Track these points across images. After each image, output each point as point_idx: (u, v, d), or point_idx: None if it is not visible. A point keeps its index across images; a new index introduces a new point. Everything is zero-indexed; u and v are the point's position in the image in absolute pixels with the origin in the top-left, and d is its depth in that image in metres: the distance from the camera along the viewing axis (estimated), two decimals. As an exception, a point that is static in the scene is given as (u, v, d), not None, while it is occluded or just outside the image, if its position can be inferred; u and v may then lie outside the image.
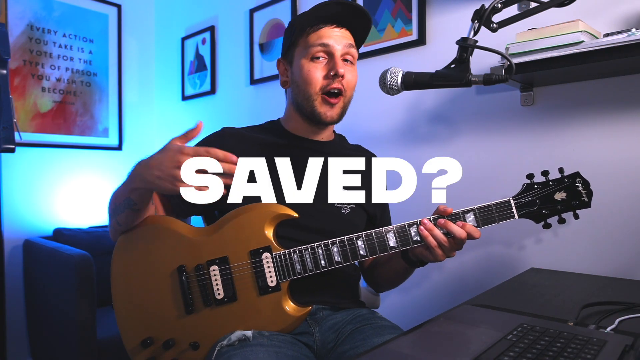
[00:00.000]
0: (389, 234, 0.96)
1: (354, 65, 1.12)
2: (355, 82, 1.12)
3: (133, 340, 1.00)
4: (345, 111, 1.12)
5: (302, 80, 1.08)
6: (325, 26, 1.07)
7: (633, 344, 0.70)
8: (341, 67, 1.05)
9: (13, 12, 2.42)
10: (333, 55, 1.06)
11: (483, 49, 0.90)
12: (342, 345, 1.01)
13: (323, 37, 1.06)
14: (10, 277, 2.28)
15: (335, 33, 1.07)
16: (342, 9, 1.06)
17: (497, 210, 0.94)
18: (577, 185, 0.94)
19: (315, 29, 1.07)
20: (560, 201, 0.94)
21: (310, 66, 1.07)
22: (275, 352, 0.89)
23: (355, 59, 1.11)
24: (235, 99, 2.51)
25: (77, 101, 2.67)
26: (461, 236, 0.92)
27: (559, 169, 0.95)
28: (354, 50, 1.10)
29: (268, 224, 0.98)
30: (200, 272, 0.98)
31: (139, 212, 0.99)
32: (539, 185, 0.95)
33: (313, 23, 1.07)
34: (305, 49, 1.07)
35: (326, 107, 1.08)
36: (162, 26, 3.01)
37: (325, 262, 0.96)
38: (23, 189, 2.43)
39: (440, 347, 0.74)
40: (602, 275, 1.29)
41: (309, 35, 1.07)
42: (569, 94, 1.40)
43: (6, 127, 1.21)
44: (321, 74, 1.06)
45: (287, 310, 0.96)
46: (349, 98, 1.11)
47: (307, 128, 1.14)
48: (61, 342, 1.95)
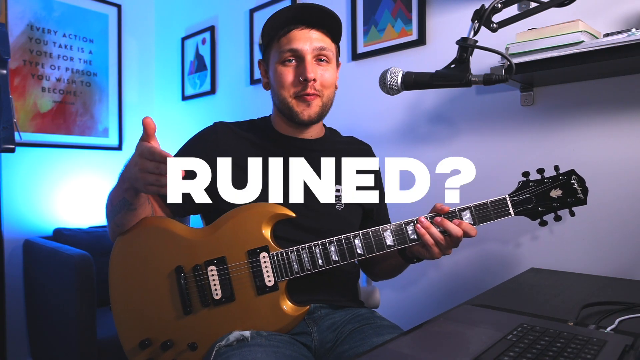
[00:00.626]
0: (386, 233, 0.96)
1: (330, 64, 1.09)
2: (332, 80, 1.10)
3: (131, 341, 0.99)
4: (326, 109, 1.11)
5: (277, 84, 1.08)
6: (294, 28, 1.06)
7: (633, 344, 0.70)
8: (311, 72, 1.03)
9: (13, 12, 2.42)
10: (303, 59, 1.05)
11: (483, 49, 0.90)
12: (342, 345, 1.01)
13: (292, 40, 1.05)
14: (10, 277, 2.27)
15: (305, 35, 1.05)
16: (304, 10, 1.05)
17: (493, 207, 0.95)
18: (573, 182, 0.94)
19: (285, 31, 1.06)
20: (556, 198, 0.95)
21: (282, 70, 1.07)
22: (274, 352, 0.89)
23: (331, 57, 1.09)
24: (235, 99, 2.51)
25: (77, 101, 2.67)
26: (457, 234, 0.92)
27: (555, 166, 0.96)
28: (328, 49, 1.08)
29: (265, 223, 0.98)
30: (197, 272, 0.98)
31: (136, 212, 0.99)
32: (534, 183, 0.96)
33: (284, 26, 1.06)
34: (277, 52, 1.07)
35: (302, 105, 1.07)
36: (162, 26, 3.01)
37: (323, 262, 0.96)
38: (23, 189, 2.43)
39: (440, 347, 0.74)
40: (602, 275, 1.29)
41: (280, 39, 1.07)
42: (569, 94, 1.40)
43: (6, 127, 1.21)
44: (292, 77, 1.06)
45: (285, 309, 0.97)
46: (327, 97, 1.10)
47: (292, 127, 1.14)
48: (61, 342, 1.95)
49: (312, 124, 1.11)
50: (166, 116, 2.96)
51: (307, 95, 1.05)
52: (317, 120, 1.11)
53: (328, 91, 1.09)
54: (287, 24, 1.06)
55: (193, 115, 2.77)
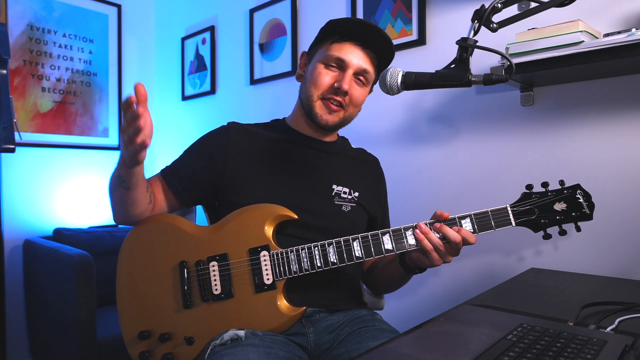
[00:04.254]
0: (384, 237, 0.96)
1: (366, 87, 1.13)
2: (361, 100, 1.13)
3: (131, 332, 1.02)
4: (344, 123, 1.14)
5: (311, 80, 1.10)
6: (350, 42, 1.08)
7: (633, 344, 0.70)
8: (347, 84, 1.06)
9: (13, 12, 2.42)
10: (346, 69, 1.08)
11: (483, 49, 0.90)
12: (338, 348, 1.01)
13: (343, 51, 1.08)
14: (10, 277, 2.28)
15: (357, 51, 1.08)
16: (371, 31, 1.07)
17: (494, 216, 0.94)
18: (578, 197, 0.93)
19: (340, 39, 1.09)
20: (560, 211, 0.93)
21: (322, 70, 1.09)
22: (267, 353, 0.89)
23: (369, 81, 1.12)
24: (235, 99, 2.51)
25: (77, 101, 2.67)
26: (456, 240, 0.92)
27: (560, 181, 0.95)
28: (369, 73, 1.11)
29: (269, 223, 1.01)
30: (200, 267, 1.00)
31: (130, 192, 0.99)
32: (537, 195, 0.95)
33: (344, 33, 1.09)
34: (325, 53, 1.09)
35: (324, 110, 1.10)
36: (162, 26, 3.01)
37: (321, 263, 0.97)
38: (23, 189, 2.43)
39: (440, 347, 0.74)
40: (602, 275, 1.29)
41: (333, 44, 1.09)
42: (569, 94, 1.40)
43: (6, 127, 1.21)
44: (329, 81, 1.08)
45: (281, 308, 0.97)
46: (351, 113, 1.13)
47: (310, 127, 1.16)
48: (61, 342, 1.95)
49: (327, 129, 1.14)
50: (166, 116, 2.96)
51: (333, 102, 1.09)
52: (333, 129, 1.15)
53: (353, 109, 1.13)
54: (349, 33, 1.08)
55: (193, 115, 2.77)
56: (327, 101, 1.09)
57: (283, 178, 1.11)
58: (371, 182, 1.23)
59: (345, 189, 1.13)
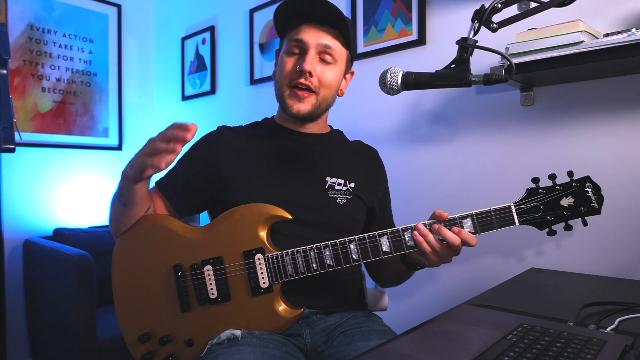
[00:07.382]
0: (382, 239, 0.94)
1: (333, 65, 1.09)
2: (333, 81, 1.10)
3: (132, 334, 1.01)
4: (320, 109, 1.11)
5: (278, 72, 1.11)
6: (306, 23, 1.07)
7: (633, 344, 0.70)
8: (308, 64, 1.04)
9: (13, 12, 2.42)
10: (305, 51, 1.06)
11: (483, 49, 0.90)
12: (330, 349, 1.00)
13: (300, 32, 1.07)
14: (10, 277, 2.28)
15: (313, 30, 1.06)
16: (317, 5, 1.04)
17: (496, 216, 0.90)
18: (587, 190, 0.88)
19: (297, 24, 1.08)
20: (567, 207, 0.89)
21: (285, 59, 1.09)
22: (262, 353, 0.88)
23: (336, 58, 1.09)
24: (235, 99, 2.51)
25: (77, 101, 2.67)
26: (455, 243, 0.88)
27: (568, 172, 0.89)
28: (334, 49, 1.08)
29: (262, 225, 0.98)
30: (195, 271, 0.99)
31: (127, 208, 0.98)
32: (544, 190, 0.90)
33: (295, 18, 1.07)
34: (286, 42, 1.10)
35: (294, 99, 1.08)
36: (162, 26, 3.01)
37: (317, 266, 0.95)
38: (23, 189, 2.43)
39: (440, 347, 0.74)
40: (602, 275, 1.29)
41: (291, 30, 1.09)
42: (569, 94, 1.40)
43: (6, 127, 1.21)
44: (291, 66, 1.07)
45: (278, 311, 0.97)
46: (324, 97, 1.10)
47: (291, 122, 1.15)
48: (61, 342, 1.95)
49: (303, 119, 1.12)
50: (166, 116, 2.96)
51: (299, 88, 1.06)
52: (309, 117, 1.11)
53: (326, 91, 1.09)
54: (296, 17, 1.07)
55: (193, 115, 2.77)
56: (294, 89, 1.07)
57: (274, 174, 1.09)
58: (368, 172, 1.20)
59: (340, 180, 1.11)
